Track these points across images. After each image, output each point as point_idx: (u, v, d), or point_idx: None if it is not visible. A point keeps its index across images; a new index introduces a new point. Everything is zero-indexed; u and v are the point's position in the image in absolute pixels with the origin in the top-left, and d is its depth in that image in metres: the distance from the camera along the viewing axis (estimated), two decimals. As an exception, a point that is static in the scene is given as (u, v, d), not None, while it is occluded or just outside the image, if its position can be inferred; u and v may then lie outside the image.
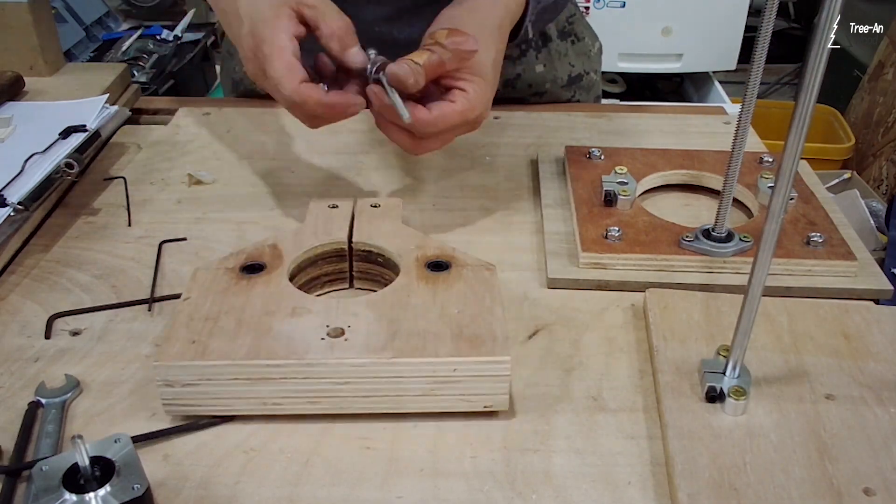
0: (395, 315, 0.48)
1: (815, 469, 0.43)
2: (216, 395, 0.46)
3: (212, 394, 0.45)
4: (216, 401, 0.46)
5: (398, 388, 0.46)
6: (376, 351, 0.45)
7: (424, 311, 0.49)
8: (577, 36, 0.89)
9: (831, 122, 2.21)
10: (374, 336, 0.47)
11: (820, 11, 0.35)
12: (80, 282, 0.60)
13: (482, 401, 0.47)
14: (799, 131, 0.38)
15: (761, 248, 0.42)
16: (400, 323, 0.48)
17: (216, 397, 0.46)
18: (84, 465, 0.39)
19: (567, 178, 0.70)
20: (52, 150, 0.71)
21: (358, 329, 0.47)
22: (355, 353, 0.45)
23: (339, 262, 0.57)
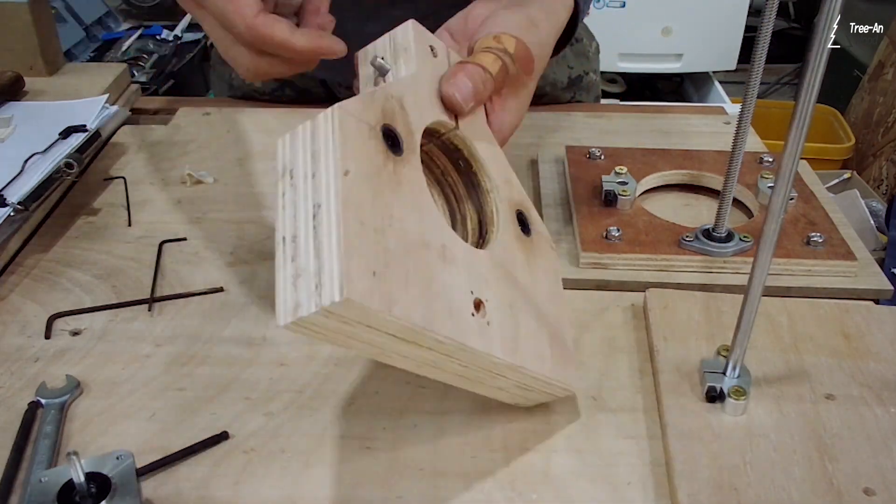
0: (513, 299, 0.43)
1: (815, 469, 0.43)
2: (357, 337, 0.36)
3: (355, 335, 0.36)
4: (352, 341, 0.37)
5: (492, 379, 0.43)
6: (510, 352, 0.41)
7: (528, 297, 0.45)
8: (575, 37, 0.89)
9: (831, 122, 2.21)
10: (506, 328, 0.42)
11: (820, 11, 0.35)
12: (80, 282, 0.60)
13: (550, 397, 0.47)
14: (799, 131, 0.38)
15: (761, 248, 0.42)
16: (517, 314, 0.43)
17: (354, 338, 0.37)
18: (79, 482, 0.39)
19: (567, 178, 0.70)
20: (52, 150, 0.71)
21: (492, 310, 0.41)
22: (498, 347, 0.41)
23: (424, 138, 0.45)
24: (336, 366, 0.52)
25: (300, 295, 0.33)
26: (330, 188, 0.35)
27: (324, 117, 0.37)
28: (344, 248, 0.33)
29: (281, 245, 0.35)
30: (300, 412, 0.48)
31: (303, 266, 0.34)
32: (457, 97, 0.45)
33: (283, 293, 0.34)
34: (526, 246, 0.47)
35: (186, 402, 0.49)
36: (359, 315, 0.34)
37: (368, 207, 0.36)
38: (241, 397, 0.49)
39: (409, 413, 0.48)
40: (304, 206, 0.35)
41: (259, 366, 0.52)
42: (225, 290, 0.59)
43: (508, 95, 0.51)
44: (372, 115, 0.39)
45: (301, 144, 0.37)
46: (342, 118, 0.36)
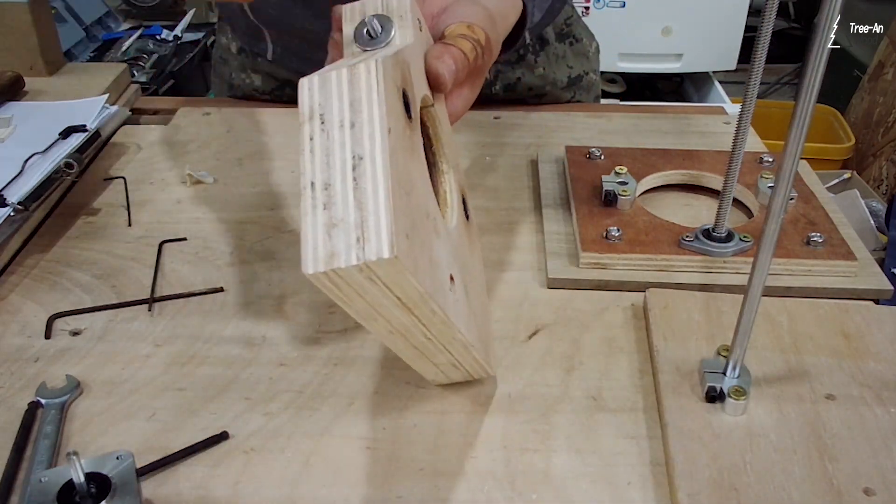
0: (466, 279, 0.44)
1: (815, 469, 0.43)
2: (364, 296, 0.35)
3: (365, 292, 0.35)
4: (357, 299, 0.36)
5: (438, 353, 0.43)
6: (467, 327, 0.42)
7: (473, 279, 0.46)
8: (575, 37, 0.89)
9: (831, 122, 2.21)
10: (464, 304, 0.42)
11: (820, 11, 0.35)
12: (80, 282, 0.60)
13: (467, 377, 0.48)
14: (799, 131, 0.38)
15: (761, 248, 0.42)
16: (469, 294, 0.44)
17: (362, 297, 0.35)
18: (79, 482, 0.39)
19: (567, 178, 0.69)
20: (52, 150, 0.71)
21: (457, 286, 0.41)
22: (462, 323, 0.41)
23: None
24: (336, 366, 0.52)
25: (337, 244, 0.32)
26: (375, 141, 0.33)
27: (365, 67, 0.35)
28: (392, 204, 0.32)
29: (309, 190, 0.33)
30: (300, 412, 0.48)
31: (339, 216, 0.32)
32: (445, 75, 0.46)
33: (314, 240, 0.32)
34: (468, 230, 0.47)
35: (186, 402, 0.49)
36: (391, 275, 0.33)
37: (402, 169, 0.35)
38: (241, 397, 0.49)
39: (409, 413, 0.48)
40: (341, 155, 0.34)
41: (259, 366, 0.52)
42: (225, 290, 0.59)
43: (466, 83, 0.52)
44: (398, 76, 0.38)
45: (335, 90, 0.35)
46: (386, 72, 0.35)
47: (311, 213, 0.33)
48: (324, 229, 0.32)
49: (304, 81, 0.36)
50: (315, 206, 0.33)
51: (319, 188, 0.33)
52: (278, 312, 0.56)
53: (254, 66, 0.87)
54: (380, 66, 0.35)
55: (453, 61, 0.47)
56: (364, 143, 0.34)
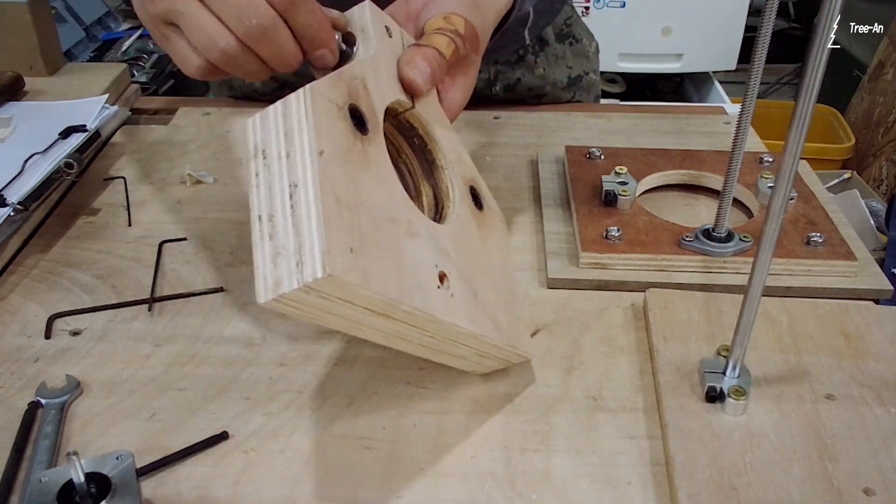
0: (471, 272, 0.45)
1: (815, 469, 0.43)
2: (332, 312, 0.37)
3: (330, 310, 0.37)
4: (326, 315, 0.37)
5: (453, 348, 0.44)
6: (471, 322, 0.43)
7: (485, 270, 0.46)
8: (574, 38, 0.89)
9: (831, 122, 2.21)
10: (467, 299, 0.43)
11: (820, 11, 0.35)
12: (80, 282, 0.60)
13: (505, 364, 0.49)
14: (799, 131, 0.38)
15: (761, 248, 0.42)
16: (476, 285, 0.44)
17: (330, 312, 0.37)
18: (79, 482, 0.39)
19: (567, 178, 0.69)
20: (52, 150, 0.71)
21: (454, 282, 0.42)
22: (462, 317, 0.42)
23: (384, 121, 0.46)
24: (336, 366, 0.52)
25: (280, 272, 0.34)
26: (306, 168, 0.35)
27: (295, 97, 0.37)
28: (323, 225, 0.34)
29: (257, 224, 0.35)
30: (300, 412, 0.48)
31: (282, 244, 0.34)
32: (417, 80, 0.46)
33: (263, 270, 0.34)
34: (479, 220, 0.48)
35: (186, 402, 0.49)
36: (338, 290, 0.34)
37: (342, 186, 0.36)
38: (241, 397, 0.49)
39: (409, 413, 0.48)
40: (280, 186, 0.35)
41: (259, 366, 0.52)
42: (225, 290, 0.59)
43: (458, 74, 0.52)
44: (339, 96, 0.39)
45: (273, 124, 0.37)
46: (314, 98, 0.37)
47: (259, 245, 0.35)
48: (270, 258, 0.34)
49: (248, 121, 0.38)
50: (262, 237, 0.35)
51: (265, 220, 0.35)
52: (278, 312, 0.56)
53: None
54: (307, 93, 0.37)
55: (426, 63, 0.47)
56: (297, 170, 0.35)
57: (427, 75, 0.47)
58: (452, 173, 0.48)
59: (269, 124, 0.37)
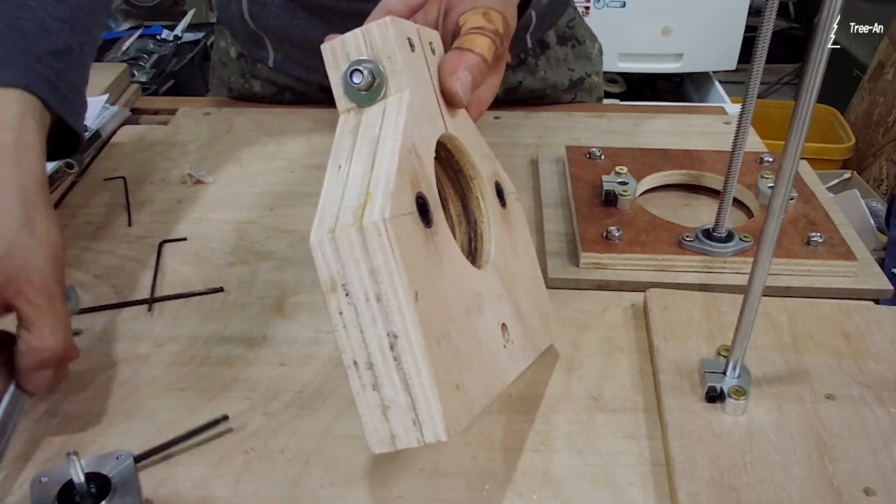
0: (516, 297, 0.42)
1: (815, 469, 0.43)
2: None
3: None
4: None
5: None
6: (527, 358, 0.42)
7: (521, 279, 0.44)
8: (577, 40, 0.89)
9: (831, 122, 2.21)
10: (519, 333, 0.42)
11: (820, 11, 0.35)
12: (80, 282, 0.60)
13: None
14: (799, 131, 0.38)
15: (761, 248, 0.42)
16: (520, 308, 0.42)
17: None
18: (79, 482, 0.39)
19: (567, 178, 0.69)
20: (52, 150, 0.71)
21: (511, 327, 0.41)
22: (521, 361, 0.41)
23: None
24: (336, 366, 0.52)
25: (395, 427, 0.34)
26: (405, 315, 0.33)
27: (375, 229, 0.33)
28: (436, 384, 0.32)
29: (354, 370, 0.34)
30: (300, 412, 0.48)
31: (390, 398, 0.34)
32: (461, 94, 0.43)
33: (372, 422, 0.34)
34: (506, 219, 0.45)
35: (186, 402, 0.49)
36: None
37: (435, 317, 0.34)
38: (241, 397, 0.49)
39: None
40: (375, 332, 0.33)
41: (259, 366, 0.52)
42: (225, 290, 0.59)
43: (490, 72, 0.49)
44: (407, 194, 0.35)
45: (350, 257, 0.33)
46: (397, 229, 0.33)
47: (362, 394, 0.34)
48: (378, 410, 0.34)
49: (315, 246, 0.34)
50: (364, 385, 0.34)
51: (363, 367, 0.34)
52: (278, 312, 0.56)
53: (253, 72, 0.87)
54: (388, 225, 0.33)
55: (469, 72, 0.44)
56: (395, 318, 0.33)
57: (469, 86, 0.44)
58: (481, 183, 0.44)
59: (346, 255, 0.34)
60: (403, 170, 0.35)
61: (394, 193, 0.34)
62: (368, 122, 0.39)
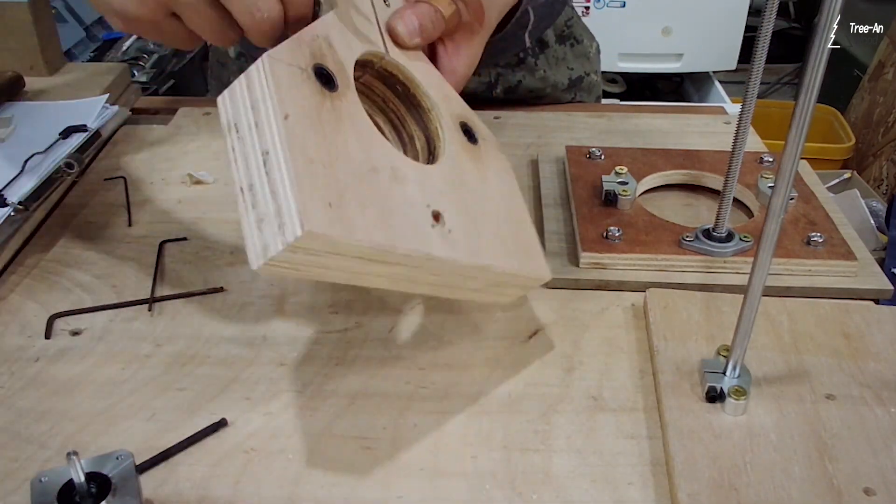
0: (469, 205, 0.45)
1: (815, 469, 0.43)
2: (328, 266, 0.38)
3: (325, 265, 0.38)
4: (323, 270, 0.39)
5: (465, 283, 0.45)
6: (474, 254, 0.43)
7: (483, 200, 0.47)
8: (575, 39, 0.89)
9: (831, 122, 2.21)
10: (468, 233, 0.44)
11: (820, 11, 0.35)
12: (81, 282, 0.60)
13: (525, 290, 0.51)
14: (799, 131, 0.38)
15: (761, 248, 0.42)
16: (476, 217, 0.45)
17: (326, 267, 0.38)
18: (79, 482, 0.39)
19: (567, 178, 0.70)
20: (53, 150, 0.71)
21: (450, 218, 0.43)
22: (462, 252, 0.42)
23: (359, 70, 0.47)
24: (336, 366, 0.52)
25: (266, 237, 0.35)
26: (274, 133, 0.36)
27: (255, 68, 0.38)
28: (297, 185, 0.35)
29: (240, 196, 0.37)
30: (300, 412, 0.48)
31: (263, 211, 0.36)
32: (399, 29, 0.47)
33: (251, 239, 0.36)
34: (475, 154, 0.48)
35: (186, 402, 0.49)
36: (323, 245, 0.35)
37: (313, 145, 0.37)
38: (241, 397, 0.49)
39: (409, 413, 0.48)
40: (254, 155, 0.37)
41: (259, 366, 0.52)
42: (225, 290, 0.59)
43: (461, 41, 0.52)
44: (301, 58, 0.40)
45: (240, 98, 0.38)
46: (272, 65, 0.38)
47: (245, 216, 0.36)
48: (255, 226, 0.36)
49: (218, 99, 0.39)
50: (247, 208, 0.36)
51: (246, 191, 0.37)
52: (278, 312, 0.56)
53: None
54: (265, 61, 0.38)
55: (416, 17, 0.47)
56: (266, 137, 0.36)
57: (414, 27, 0.47)
58: (439, 113, 0.48)
59: (237, 98, 0.38)
60: (301, 41, 0.40)
61: (280, 47, 0.39)
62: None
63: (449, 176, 0.46)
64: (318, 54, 0.41)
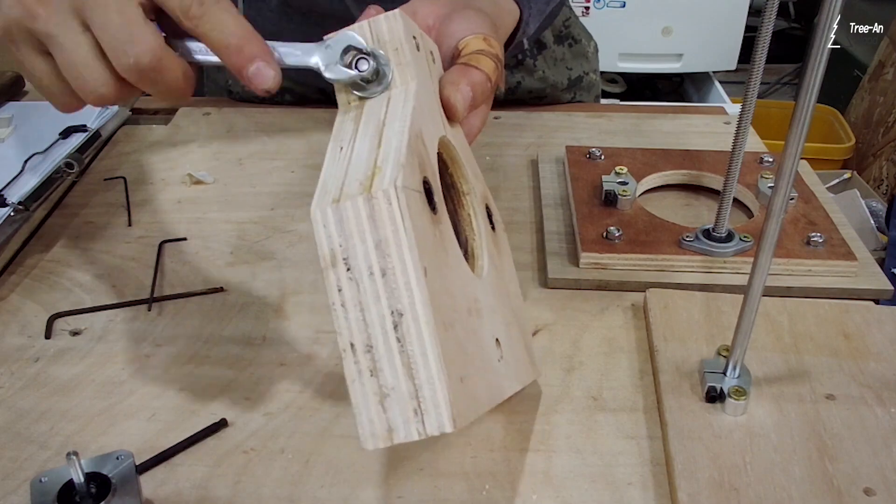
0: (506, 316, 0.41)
1: (815, 469, 0.43)
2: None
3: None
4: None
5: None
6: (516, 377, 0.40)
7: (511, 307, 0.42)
8: (573, 38, 0.89)
9: (831, 122, 2.21)
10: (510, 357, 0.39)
11: (820, 11, 0.35)
12: (81, 282, 0.60)
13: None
14: (799, 131, 0.38)
15: (761, 248, 0.42)
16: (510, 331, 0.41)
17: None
18: (79, 482, 0.39)
19: (567, 178, 0.70)
20: (53, 150, 0.71)
21: (502, 347, 0.38)
22: (513, 380, 0.38)
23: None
24: (336, 366, 0.52)
25: (393, 418, 0.30)
26: (413, 292, 0.30)
27: (385, 197, 0.30)
28: (444, 370, 0.29)
29: (350, 353, 0.31)
30: (300, 412, 0.48)
31: (389, 385, 0.30)
32: (459, 106, 0.42)
33: (367, 413, 0.30)
34: (496, 244, 0.44)
35: (186, 402, 0.49)
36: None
37: (446, 304, 0.31)
38: (241, 397, 0.49)
39: (409, 413, 0.48)
40: (378, 311, 0.30)
41: (259, 366, 0.52)
42: (225, 290, 0.59)
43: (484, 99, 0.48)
44: (416, 174, 0.32)
45: (355, 228, 0.31)
46: (409, 199, 0.30)
47: (357, 380, 0.31)
48: (375, 399, 0.30)
49: (316, 213, 0.31)
50: (360, 371, 0.31)
51: (361, 350, 0.31)
52: (278, 312, 0.56)
53: None
54: (401, 193, 0.30)
55: (470, 87, 0.42)
56: (401, 295, 0.30)
57: (470, 100, 0.42)
58: (475, 198, 0.42)
59: (351, 226, 0.31)
60: (412, 149, 0.33)
61: (405, 165, 0.31)
62: (372, 109, 0.37)
63: (494, 288, 0.39)
64: (422, 162, 0.33)
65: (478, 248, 0.42)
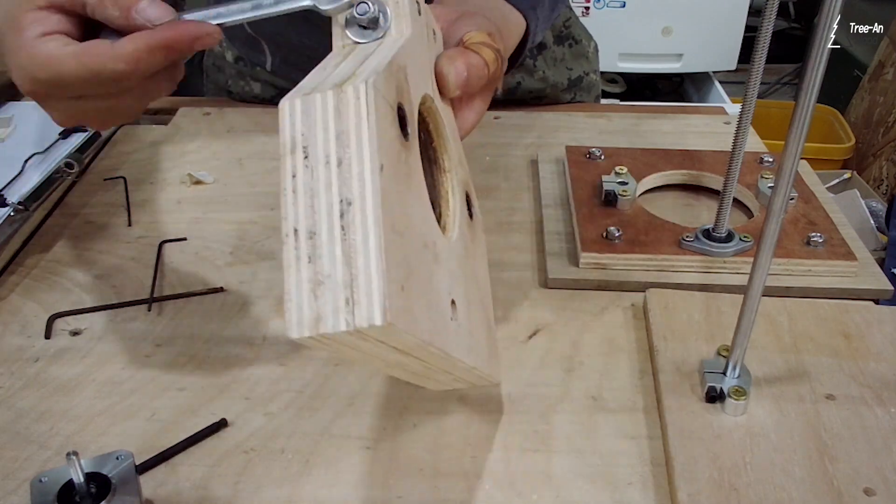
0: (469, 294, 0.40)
1: (815, 469, 0.43)
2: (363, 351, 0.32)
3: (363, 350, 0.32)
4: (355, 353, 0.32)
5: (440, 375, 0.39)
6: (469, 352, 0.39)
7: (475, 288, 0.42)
8: (574, 39, 0.89)
9: (831, 122, 2.21)
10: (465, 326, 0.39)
11: (820, 11, 0.35)
12: (80, 282, 0.60)
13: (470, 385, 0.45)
14: (799, 131, 0.38)
15: (761, 248, 0.42)
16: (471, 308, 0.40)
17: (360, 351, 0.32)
18: (79, 482, 0.39)
19: (567, 178, 0.70)
20: (53, 150, 0.71)
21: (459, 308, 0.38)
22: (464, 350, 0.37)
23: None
24: (336, 366, 0.52)
25: (322, 306, 0.29)
26: (365, 184, 0.30)
27: (354, 92, 0.31)
28: (384, 261, 0.28)
29: (292, 238, 0.30)
30: (300, 412, 0.48)
31: (326, 272, 0.29)
32: (450, 76, 0.42)
33: (298, 299, 0.29)
34: (471, 231, 0.44)
35: (186, 402, 0.49)
36: (385, 335, 0.29)
37: (396, 206, 0.31)
38: (241, 397, 0.49)
39: (409, 413, 0.48)
40: (327, 198, 0.30)
41: (259, 366, 0.52)
42: (225, 290, 0.59)
43: (478, 95, 0.48)
44: (391, 92, 0.33)
45: (320, 118, 0.31)
46: (378, 102, 0.31)
47: (294, 266, 0.29)
48: (309, 287, 0.29)
49: (284, 104, 0.32)
50: (299, 257, 0.30)
51: (303, 237, 0.30)
52: (278, 312, 0.56)
53: (253, 75, 0.87)
54: (370, 89, 0.30)
55: (465, 67, 0.43)
56: (353, 184, 0.30)
57: (462, 79, 0.43)
58: (455, 178, 0.43)
59: (316, 116, 0.31)
60: (392, 73, 0.33)
61: (381, 73, 0.31)
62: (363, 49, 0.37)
63: (459, 257, 0.40)
64: (400, 90, 0.34)
65: (450, 223, 0.41)
